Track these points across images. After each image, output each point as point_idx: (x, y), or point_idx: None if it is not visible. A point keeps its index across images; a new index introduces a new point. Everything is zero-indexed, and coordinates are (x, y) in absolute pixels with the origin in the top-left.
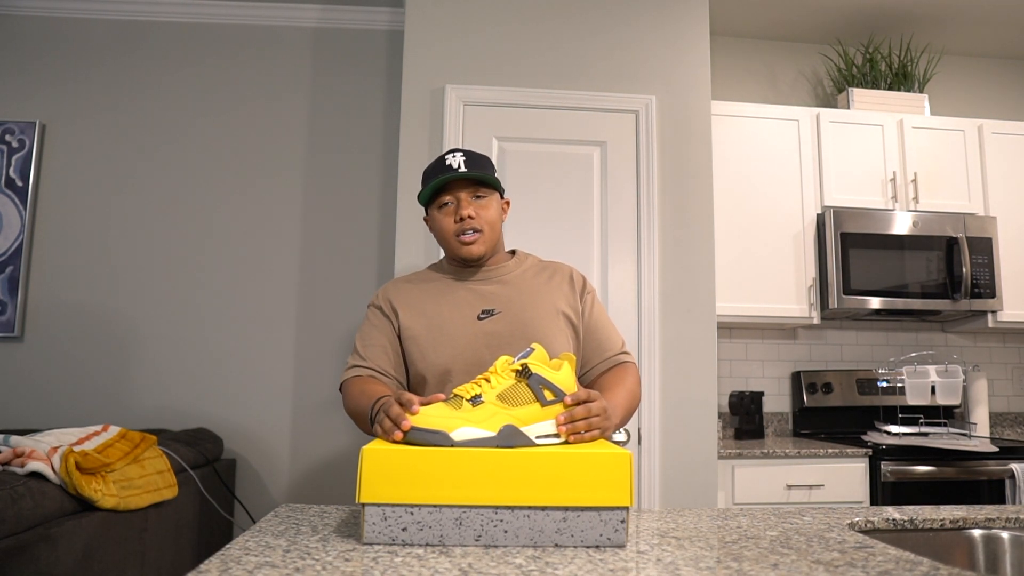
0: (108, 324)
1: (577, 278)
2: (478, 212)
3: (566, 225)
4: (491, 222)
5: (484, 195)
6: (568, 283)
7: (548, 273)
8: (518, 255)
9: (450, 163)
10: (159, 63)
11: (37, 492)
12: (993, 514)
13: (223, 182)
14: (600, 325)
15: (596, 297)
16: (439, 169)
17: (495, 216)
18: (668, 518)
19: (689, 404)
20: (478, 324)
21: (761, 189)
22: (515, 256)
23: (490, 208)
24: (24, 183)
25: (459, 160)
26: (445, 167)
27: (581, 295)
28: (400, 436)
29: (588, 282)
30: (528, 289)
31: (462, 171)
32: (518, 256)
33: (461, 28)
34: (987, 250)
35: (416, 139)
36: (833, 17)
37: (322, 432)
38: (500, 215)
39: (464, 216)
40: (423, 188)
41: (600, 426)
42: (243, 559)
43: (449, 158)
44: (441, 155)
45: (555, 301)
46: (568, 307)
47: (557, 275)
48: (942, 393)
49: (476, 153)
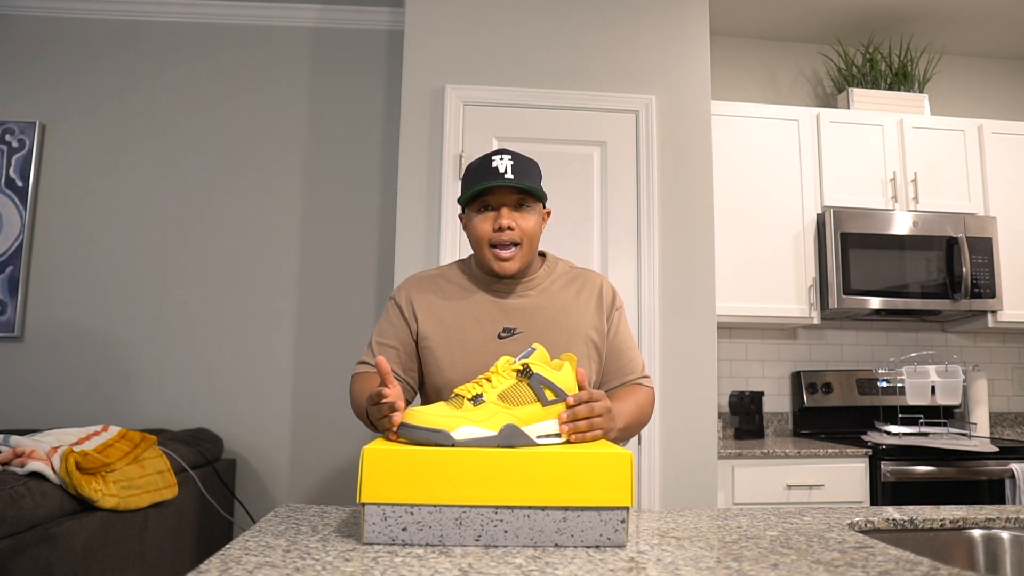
0: (108, 324)
1: (607, 293)
2: (519, 223)
3: (566, 225)
4: (531, 235)
5: (528, 205)
6: (596, 298)
7: (578, 285)
8: (548, 261)
9: (496, 166)
10: (159, 63)
11: (37, 492)
12: (993, 514)
13: (223, 182)
14: (624, 347)
15: (624, 314)
16: (484, 171)
17: (535, 228)
18: (668, 518)
19: (689, 404)
20: (498, 343)
21: (761, 189)
22: (545, 262)
23: (531, 220)
24: (24, 183)
25: (507, 164)
26: (491, 170)
27: (609, 313)
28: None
29: (618, 296)
30: (554, 306)
31: (508, 178)
32: (548, 262)
33: (461, 28)
34: (987, 250)
35: (416, 139)
36: (833, 17)
37: (322, 432)
38: (540, 226)
39: (504, 226)
40: (464, 189)
41: (603, 426)
42: (243, 559)
43: (496, 160)
44: (487, 155)
45: (580, 322)
46: (593, 329)
47: (586, 288)
48: (942, 393)
49: (524, 158)
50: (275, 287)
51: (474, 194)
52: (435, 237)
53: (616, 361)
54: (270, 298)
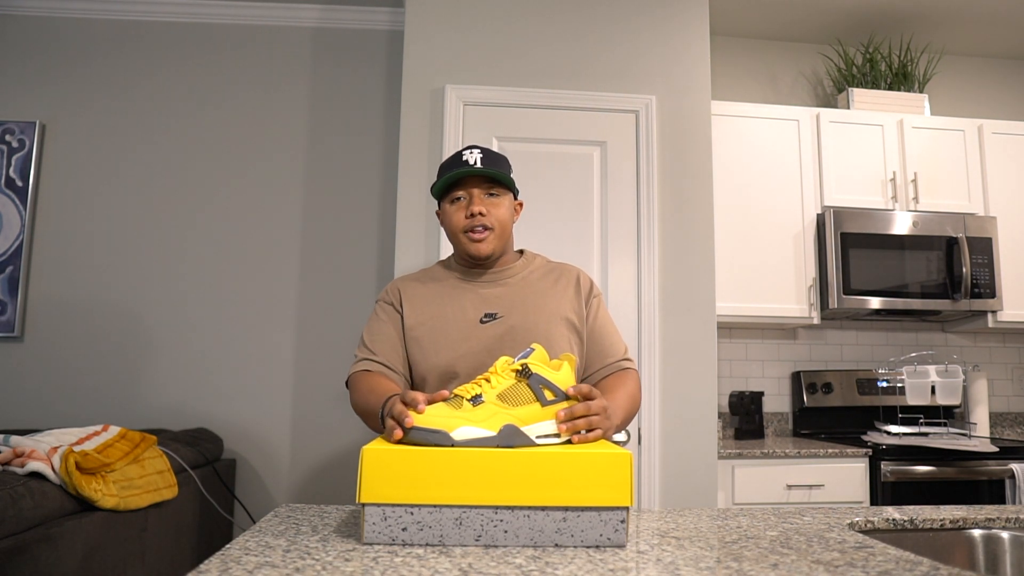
0: (108, 324)
1: (584, 281)
2: (490, 210)
3: (566, 225)
4: (502, 221)
5: (497, 194)
6: (574, 286)
7: (555, 275)
8: (526, 255)
9: (467, 159)
10: (159, 63)
11: (37, 492)
12: (993, 514)
13: (223, 182)
14: (604, 331)
15: (602, 302)
16: (455, 163)
17: (506, 216)
18: (668, 518)
19: (689, 404)
20: (480, 328)
21: (761, 189)
22: (523, 256)
23: (502, 207)
24: (24, 183)
25: (476, 156)
26: (461, 162)
27: (587, 299)
28: (400, 435)
29: (595, 286)
30: (533, 292)
31: (477, 167)
32: (526, 256)
33: (461, 28)
34: (987, 250)
35: (416, 139)
36: (833, 17)
37: (322, 432)
38: (512, 216)
39: (475, 212)
40: (437, 181)
41: (600, 425)
42: (243, 559)
43: (466, 154)
44: (459, 150)
45: (559, 306)
46: (572, 312)
47: (563, 278)
48: (942, 393)
49: (494, 152)
50: (275, 288)
51: (446, 186)
52: (435, 237)
53: (597, 345)
54: (270, 298)
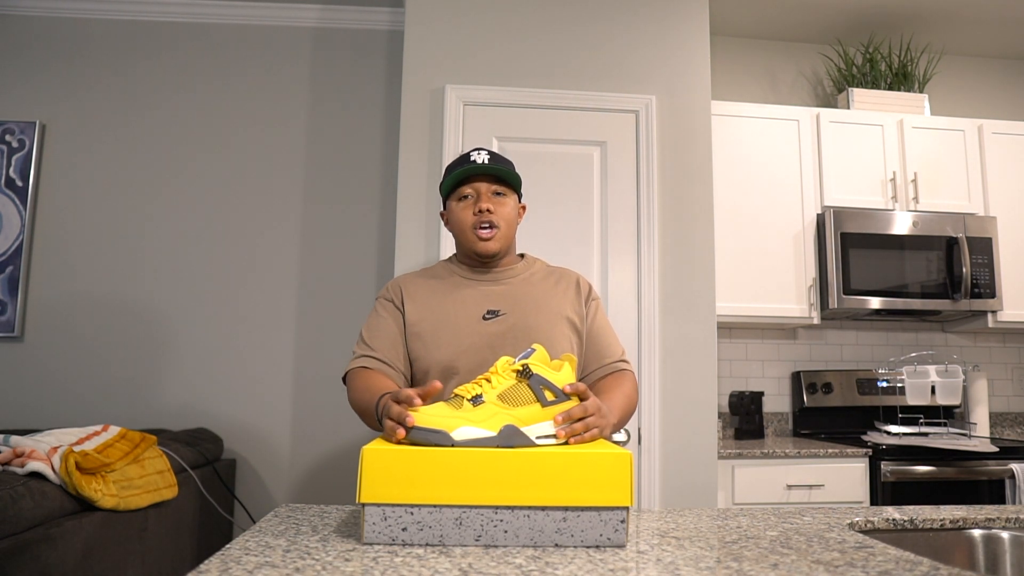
0: (108, 324)
1: (583, 285)
2: (496, 208)
3: (566, 225)
4: (508, 221)
5: (504, 194)
6: (574, 289)
7: (555, 278)
8: (527, 259)
9: (474, 158)
10: (159, 63)
11: (37, 492)
12: (993, 514)
13: (223, 182)
14: (602, 332)
15: (600, 305)
16: (463, 163)
17: (512, 216)
18: (668, 518)
19: (689, 404)
20: (483, 324)
21: (761, 189)
22: (524, 259)
23: (508, 207)
24: (24, 183)
25: (483, 157)
26: (469, 162)
27: (586, 301)
28: (403, 434)
29: (593, 290)
30: (535, 292)
31: (486, 164)
32: (527, 259)
33: (461, 28)
34: (987, 250)
35: (416, 139)
36: (833, 17)
37: (322, 432)
38: (516, 217)
39: (483, 208)
40: (445, 179)
41: (597, 424)
42: (243, 559)
43: (474, 154)
44: (466, 152)
45: (560, 305)
46: (573, 312)
47: (564, 280)
48: (942, 393)
49: (501, 155)
50: (275, 287)
51: (454, 184)
52: (435, 237)
53: (595, 345)
54: (270, 298)
